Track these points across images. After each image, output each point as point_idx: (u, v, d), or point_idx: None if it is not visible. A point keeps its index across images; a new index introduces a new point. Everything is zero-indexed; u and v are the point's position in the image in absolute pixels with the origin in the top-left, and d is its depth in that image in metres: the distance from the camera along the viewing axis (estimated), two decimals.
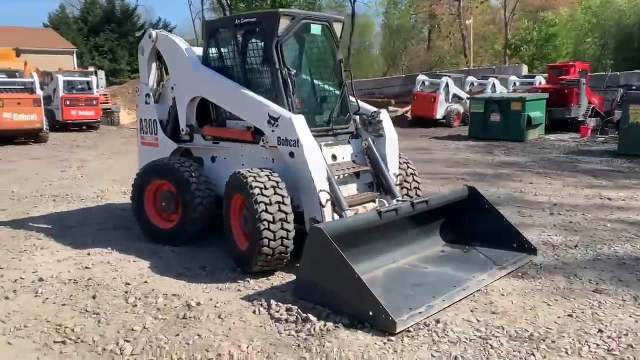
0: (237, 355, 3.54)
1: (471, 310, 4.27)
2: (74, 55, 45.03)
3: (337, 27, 5.77)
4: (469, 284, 4.71)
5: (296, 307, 4.17)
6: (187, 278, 4.96)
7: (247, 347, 3.63)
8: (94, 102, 22.14)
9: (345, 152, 5.70)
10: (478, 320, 4.07)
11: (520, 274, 5.07)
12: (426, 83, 24.06)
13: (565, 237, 6.28)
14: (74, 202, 8.36)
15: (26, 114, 16.53)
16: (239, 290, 4.67)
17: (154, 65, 6.47)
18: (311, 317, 4.01)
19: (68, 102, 21.25)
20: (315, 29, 5.55)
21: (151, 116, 6.48)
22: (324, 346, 3.65)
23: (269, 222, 4.68)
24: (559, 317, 4.16)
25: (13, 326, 3.99)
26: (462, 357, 3.54)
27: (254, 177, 4.84)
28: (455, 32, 47.10)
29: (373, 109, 6.01)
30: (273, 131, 5.13)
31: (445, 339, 3.77)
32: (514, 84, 23.64)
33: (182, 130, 6.15)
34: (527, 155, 13.61)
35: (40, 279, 4.94)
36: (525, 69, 29.78)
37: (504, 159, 13.14)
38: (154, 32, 6.25)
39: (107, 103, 27.94)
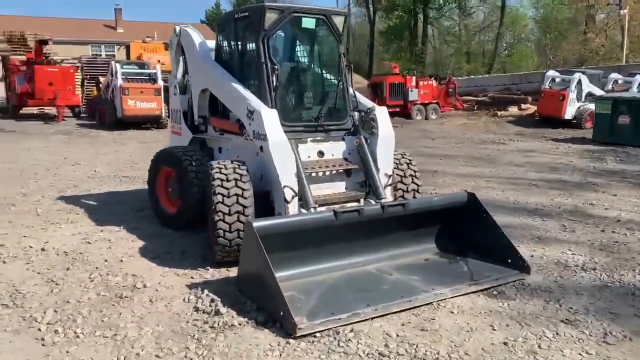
0: (131, 336, 3.70)
1: (402, 324, 3.99)
2: None
3: (338, 21, 5.63)
4: (421, 296, 4.38)
5: (220, 299, 4.23)
6: (158, 261, 5.23)
7: (148, 331, 3.78)
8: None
9: (336, 149, 5.57)
10: (398, 336, 3.80)
11: (496, 293, 4.60)
12: (556, 80, 22.22)
13: (591, 257, 5.52)
14: (135, 184, 9.14)
15: (147, 102, 18.26)
16: (192, 277, 4.83)
17: (180, 59, 6.83)
18: (224, 310, 4.04)
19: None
20: (308, 22, 5.48)
21: (177, 107, 6.88)
22: (215, 339, 3.68)
23: (224, 213, 4.77)
24: (491, 344, 3.73)
25: None
26: None
27: (220, 169, 4.95)
28: (613, 24, 42.55)
29: (371, 104, 5.79)
30: (250, 125, 5.20)
31: (342, 349, 3.58)
32: None
33: (195, 121, 6.45)
34: None
35: (42, 249, 5.54)
36: None
37: (608, 167, 11.74)
38: (177, 27, 6.60)
39: None
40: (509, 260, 5.01)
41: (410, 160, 6.03)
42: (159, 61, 26.17)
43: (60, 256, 5.35)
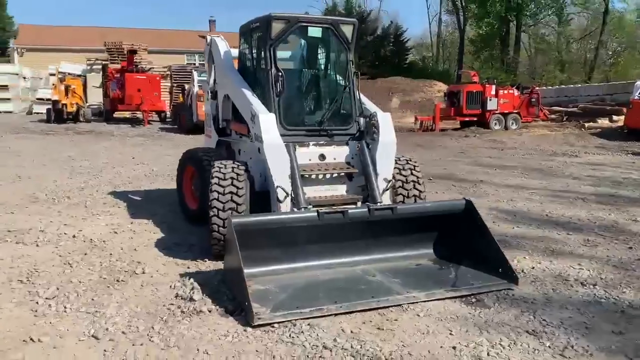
0: (109, 314, 4.11)
1: (363, 322, 4.11)
2: None
3: (347, 30, 5.82)
4: (392, 298, 4.47)
5: (200, 288, 4.56)
6: (166, 251, 5.68)
7: (126, 311, 4.18)
8: None
9: (338, 153, 5.76)
10: (351, 332, 3.93)
11: (474, 300, 4.58)
12: None
13: (598, 273, 5.29)
14: None
15: None
16: (188, 267, 5.21)
17: (212, 66, 7.31)
18: (197, 297, 4.37)
19: None
20: (314, 32, 5.72)
21: (209, 111, 7.36)
22: (179, 322, 4.00)
23: (218, 209, 5.12)
24: (440, 347, 3.77)
25: (3, 263, 5.20)
26: (285, 356, 3.55)
27: (219, 168, 5.31)
28: None
29: (374, 110, 5.91)
30: (252, 127, 5.52)
31: (291, 340, 3.77)
32: None
33: (220, 125, 6.88)
34: None
35: (73, 236, 6.17)
36: None
37: None
38: (209, 37, 7.09)
39: None
40: (500, 270, 4.96)
41: (414, 166, 6.07)
42: None
43: (85, 243, 5.95)
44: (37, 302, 4.31)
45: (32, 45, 39.10)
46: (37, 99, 28.08)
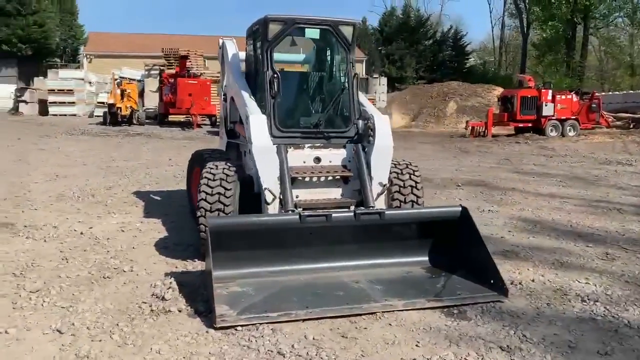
0: (81, 309, 4.19)
1: (330, 329, 4.00)
2: (364, 63, 49.38)
3: (346, 31, 5.71)
4: (367, 305, 4.32)
5: (178, 288, 4.58)
6: (162, 250, 5.76)
7: (99, 307, 4.24)
8: None
9: (335, 156, 5.65)
10: (313, 339, 3.83)
11: (456, 311, 4.36)
12: None
13: (605, 289, 4.91)
14: None
15: None
16: (176, 267, 5.25)
17: (224, 69, 7.37)
18: (169, 296, 4.39)
19: None
20: (311, 33, 5.65)
21: (222, 113, 7.43)
22: (145, 321, 4.03)
23: (206, 210, 5.13)
24: (401, 358, 3.60)
25: (3, 256, 5.41)
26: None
27: (210, 169, 5.33)
28: None
29: (375, 113, 5.76)
30: (246, 129, 5.51)
31: (247, 344, 3.71)
32: None
33: (227, 127, 6.93)
34: None
35: (82, 234, 6.37)
36: None
37: None
38: (221, 40, 7.15)
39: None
40: (492, 281, 4.71)
41: (413, 170, 5.87)
42: None
43: (89, 240, 6.12)
44: (20, 295, 4.45)
45: (100, 52, 41.12)
46: (98, 102, 29.38)
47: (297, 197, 5.44)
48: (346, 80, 5.80)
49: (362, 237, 5.08)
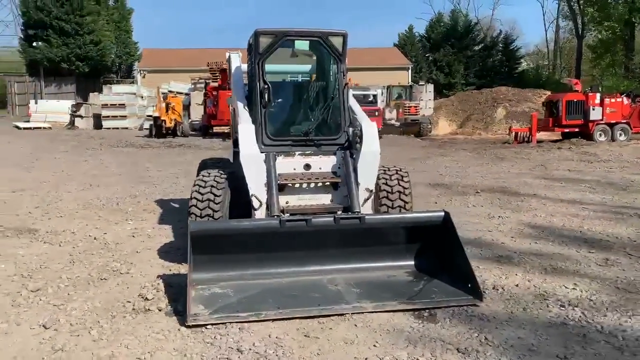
0: (71, 307, 4.50)
1: (296, 329, 4.15)
2: (409, 70, 49.16)
3: (336, 41, 5.85)
4: (338, 307, 4.45)
5: (164, 289, 4.85)
6: (163, 254, 6.06)
7: (87, 306, 4.54)
8: (376, 114, 24.39)
9: (325, 162, 5.80)
10: (277, 338, 3.99)
11: (426, 314, 4.42)
12: None
13: (593, 294, 4.82)
14: None
15: None
16: (170, 270, 5.53)
17: None
18: (150, 296, 4.66)
19: None
20: (301, 44, 5.83)
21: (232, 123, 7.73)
22: (124, 319, 4.30)
23: (196, 215, 5.40)
24: (355, 357, 3.71)
25: (17, 258, 5.85)
26: (203, 357, 3.70)
27: (203, 176, 5.61)
28: None
29: (364, 120, 5.88)
30: (238, 138, 5.75)
31: (211, 341, 3.90)
32: None
33: (233, 136, 7.20)
34: None
35: (95, 239, 6.77)
36: None
37: None
38: (227, 54, 7.44)
39: (416, 115, 30.04)
40: (469, 285, 4.74)
41: (402, 176, 5.93)
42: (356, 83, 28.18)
43: (99, 245, 6.51)
44: (20, 294, 4.83)
45: (152, 67, 42.80)
46: (147, 116, 30.60)
47: (287, 203, 5.63)
48: (337, 88, 5.94)
49: (347, 241, 5.19)
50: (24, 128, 29.17)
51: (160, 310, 4.46)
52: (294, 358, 3.69)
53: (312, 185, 5.69)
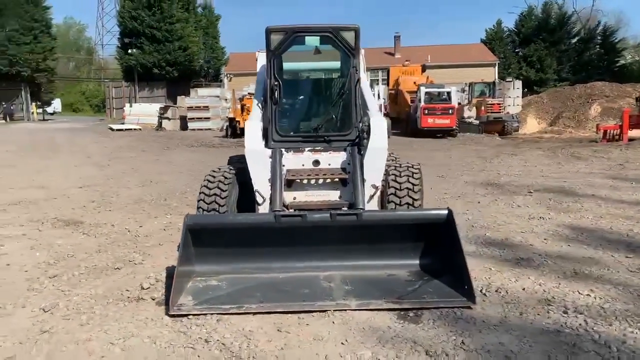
0: (75, 294, 4.78)
1: (274, 323, 4.14)
2: (495, 67, 47.34)
3: (348, 36, 5.77)
4: (322, 303, 4.39)
5: (164, 280, 5.02)
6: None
7: (90, 294, 4.79)
8: (450, 112, 23.76)
9: (334, 159, 5.75)
10: (250, 331, 4.00)
11: (412, 314, 4.26)
12: None
13: (607, 301, 4.43)
14: None
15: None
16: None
17: None
18: (146, 285, 4.84)
19: (426, 111, 23.61)
20: (311, 40, 5.81)
21: None
22: (116, 306, 4.50)
23: (203, 209, 5.54)
24: (316, 354, 3.66)
25: (53, 247, 6.28)
26: (171, 345, 3.81)
27: (213, 172, 5.74)
28: None
29: (374, 115, 5.74)
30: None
31: (184, 330, 3.99)
32: None
33: None
34: None
35: (128, 231, 7.14)
36: None
37: None
38: (257, 53, 7.55)
39: (499, 112, 28.91)
40: (465, 287, 4.51)
41: (412, 173, 5.72)
42: (414, 83, 27.84)
43: (130, 236, 6.85)
44: (38, 279, 5.20)
45: (238, 71, 44.38)
46: (227, 117, 31.71)
47: (294, 198, 5.65)
48: (350, 84, 5.86)
49: (347, 238, 5.10)
50: (117, 129, 31.27)
51: (153, 300, 4.62)
52: (256, 351, 3.69)
53: (321, 181, 5.65)
